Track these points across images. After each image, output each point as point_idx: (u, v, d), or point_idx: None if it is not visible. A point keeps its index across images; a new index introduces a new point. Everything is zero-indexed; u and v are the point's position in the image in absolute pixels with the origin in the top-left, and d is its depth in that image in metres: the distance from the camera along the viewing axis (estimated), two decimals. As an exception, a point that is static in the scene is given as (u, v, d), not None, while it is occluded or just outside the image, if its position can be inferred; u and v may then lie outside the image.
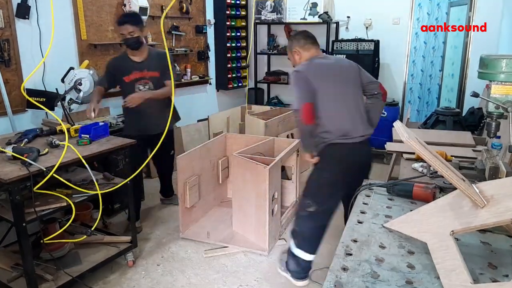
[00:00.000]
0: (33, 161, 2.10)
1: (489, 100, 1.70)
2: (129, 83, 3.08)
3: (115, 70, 3.12)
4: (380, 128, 5.04)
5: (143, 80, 3.10)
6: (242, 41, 5.86)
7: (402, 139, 1.20)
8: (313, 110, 2.24)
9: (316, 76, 2.28)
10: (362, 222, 1.38)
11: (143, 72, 3.09)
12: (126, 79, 3.07)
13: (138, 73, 3.09)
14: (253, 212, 2.93)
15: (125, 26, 2.95)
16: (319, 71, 2.33)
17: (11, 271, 2.42)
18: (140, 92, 3.08)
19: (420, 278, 1.07)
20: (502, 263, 1.14)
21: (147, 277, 2.69)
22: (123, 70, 3.08)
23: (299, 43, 2.43)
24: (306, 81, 2.26)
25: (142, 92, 3.08)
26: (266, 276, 2.69)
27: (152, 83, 3.12)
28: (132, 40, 2.98)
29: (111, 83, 3.17)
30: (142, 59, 3.11)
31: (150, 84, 3.12)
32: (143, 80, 3.10)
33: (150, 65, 3.10)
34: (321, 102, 2.25)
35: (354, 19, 5.31)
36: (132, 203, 2.79)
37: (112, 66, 3.17)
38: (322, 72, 2.34)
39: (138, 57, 3.10)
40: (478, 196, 1.11)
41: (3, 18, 3.15)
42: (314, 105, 2.24)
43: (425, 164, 2.12)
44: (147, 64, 3.10)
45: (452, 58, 5.32)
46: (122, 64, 3.11)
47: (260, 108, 5.28)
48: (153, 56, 3.14)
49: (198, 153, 3.25)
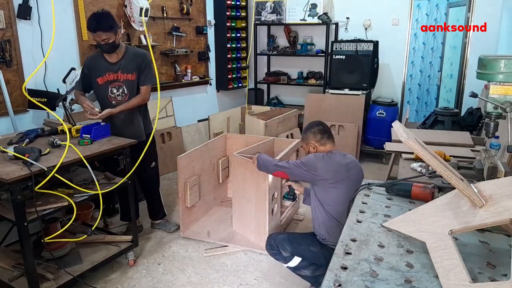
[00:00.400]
0: (34, 161, 2.10)
1: (487, 101, 1.71)
2: (102, 85, 2.84)
3: (89, 71, 2.86)
4: (379, 128, 5.07)
5: (116, 82, 2.84)
6: (242, 42, 5.87)
7: (401, 139, 1.21)
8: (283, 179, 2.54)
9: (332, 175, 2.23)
10: (361, 222, 1.39)
11: (117, 74, 2.83)
12: (100, 80, 2.83)
13: (112, 74, 2.83)
14: (253, 211, 2.94)
15: (97, 33, 2.64)
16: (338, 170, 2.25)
17: (12, 270, 2.43)
18: (106, 110, 2.79)
19: (419, 277, 1.08)
20: (500, 263, 1.15)
21: (148, 276, 2.71)
22: (96, 71, 2.83)
23: (315, 138, 2.38)
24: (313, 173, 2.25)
25: (109, 110, 2.79)
26: (266, 275, 2.70)
27: (126, 87, 2.85)
28: (106, 47, 2.71)
29: (86, 85, 2.92)
30: (117, 60, 2.83)
31: (123, 88, 2.85)
32: (117, 82, 2.84)
33: (125, 66, 2.83)
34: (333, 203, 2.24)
35: (353, 20, 5.33)
36: (133, 203, 2.80)
37: (86, 66, 2.89)
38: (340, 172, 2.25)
39: (113, 57, 2.83)
40: (477, 196, 1.12)
41: (4, 19, 3.16)
42: None
43: (424, 164, 2.13)
44: (122, 65, 2.83)
45: (451, 59, 5.34)
46: (96, 64, 2.85)
47: (260, 108, 5.30)
48: (129, 56, 2.84)
49: (199, 153, 3.26)
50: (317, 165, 2.26)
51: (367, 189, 1.68)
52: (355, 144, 4.78)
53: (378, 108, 4.93)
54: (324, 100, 4.98)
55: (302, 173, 2.29)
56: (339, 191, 2.22)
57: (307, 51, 5.57)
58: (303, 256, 2.35)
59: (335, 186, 2.23)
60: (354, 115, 4.80)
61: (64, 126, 2.45)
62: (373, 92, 5.34)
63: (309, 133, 2.42)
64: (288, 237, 2.44)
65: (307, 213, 3.40)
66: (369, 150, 5.01)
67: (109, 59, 2.83)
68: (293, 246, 2.37)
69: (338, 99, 4.92)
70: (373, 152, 4.99)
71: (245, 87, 5.92)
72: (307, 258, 2.35)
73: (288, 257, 2.39)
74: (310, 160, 2.29)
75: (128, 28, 4.22)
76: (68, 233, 2.68)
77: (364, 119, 4.96)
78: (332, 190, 2.24)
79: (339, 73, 5.04)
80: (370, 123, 4.99)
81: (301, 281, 2.56)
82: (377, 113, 4.92)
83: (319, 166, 2.25)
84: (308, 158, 2.31)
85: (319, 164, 2.26)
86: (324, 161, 2.27)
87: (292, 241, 2.39)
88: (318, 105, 4.99)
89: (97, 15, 2.66)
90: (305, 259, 2.35)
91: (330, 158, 2.28)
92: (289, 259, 2.39)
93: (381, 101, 5.02)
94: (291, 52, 5.70)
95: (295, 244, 2.37)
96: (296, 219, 3.48)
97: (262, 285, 2.61)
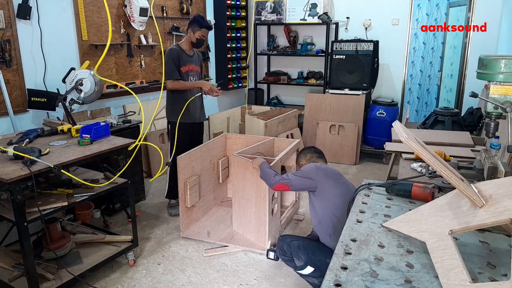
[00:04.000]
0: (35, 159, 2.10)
1: (487, 101, 1.71)
2: (184, 73, 3.43)
3: (178, 61, 3.39)
4: (379, 128, 5.07)
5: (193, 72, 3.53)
6: (242, 42, 5.87)
7: (401, 139, 1.21)
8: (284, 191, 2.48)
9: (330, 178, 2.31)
10: (361, 222, 1.39)
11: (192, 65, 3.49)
12: (183, 69, 3.42)
13: (191, 65, 3.48)
14: (253, 211, 2.94)
15: (208, 31, 3.43)
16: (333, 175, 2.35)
17: (12, 270, 2.43)
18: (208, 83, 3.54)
19: (419, 277, 1.07)
20: (500, 263, 1.15)
21: (148, 276, 2.70)
22: (181, 62, 3.40)
23: (305, 157, 2.56)
24: (311, 183, 2.30)
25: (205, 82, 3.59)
26: (266, 275, 2.70)
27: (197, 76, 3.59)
28: (202, 43, 3.48)
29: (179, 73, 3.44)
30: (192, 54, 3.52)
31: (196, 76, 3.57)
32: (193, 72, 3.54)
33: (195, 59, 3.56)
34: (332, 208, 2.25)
35: (353, 20, 5.32)
36: (133, 203, 2.80)
37: (176, 58, 3.38)
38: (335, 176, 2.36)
39: (191, 51, 3.50)
40: (477, 196, 1.12)
41: (4, 19, 3.16)
42: None
43: (424, 164, 2.13)
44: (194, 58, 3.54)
45: (451, 59, 5.34)
46: (180, 56, 3.40)
47: (260, 108, 5.30)
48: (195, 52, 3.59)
49: (199, 153, 3.26)
50: (314, 170, 2.34)
51: (367, 189, 1.68)
52: (355, 144, 4.78)
53: (378, 108, 4.93)
54: (324, 100, 4.98)
55: (302, 181, 2.34)
56: (337, 195, 2.25)
57: (307, 51, 5.57)
58: (317, 267, 2.27)
59: (332, 190, 2.26)
60: (354, 115, 4.80)
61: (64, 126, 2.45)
62: (373, 92, 5.34)
63: (301, 155, 2.61)
64: (304, 244, 2.34)
65: (307, 213, 3.40)
66: (369, 150, 5.00)
67: (189, 53, 3.46)
68: (308, 256, 2.28)
69: (338, 99, 4.92)
70: (373, 152, 4.99)
71: (245, 87, 5.92)
72: (322, 269, 2.24)
73: (301, 266, 2.33)
74: (307, 167, 2.40)
75: (128, 28, 4.21)
76: (69, 232, 2.69)
77: (364, 119, 4.96)
78: (330, 194, 2.26)
79: (339, 73, 5.04)
80: (370, 123, 4.99)
81: (301, 281, 2.56)
82: (377, 113, 4.92)
83: (317, 170, 2.34)
84: (305, 166, 2.43)
85: (317, 169, 2.35)
86: (320, 168, 2.38)
87: (308, 251, 2.31)
88: (318, 105, 4.99)
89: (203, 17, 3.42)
90: (318, 269, 2.27)
91: (325, 166, 2.43)
92: (302, 267, 2.33)
93: (381, 101, 5.01)
94: (291, 52, 5.70)
95: (311, 254, 2.29)
96: (296, 219, 3.48)
97: (262, 285, 2.61)
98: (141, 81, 4.45)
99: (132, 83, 4.32)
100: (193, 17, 3.44)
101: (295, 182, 2.37)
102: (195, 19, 3.38)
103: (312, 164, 2.41)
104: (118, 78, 4.22)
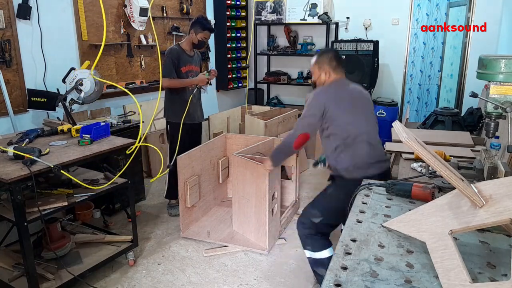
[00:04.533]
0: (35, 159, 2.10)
1: (487, 101, 1.71)
2: (183, 73, 3.42)
3: (177, 61, 3.38)
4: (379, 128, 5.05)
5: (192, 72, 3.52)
6: (242, 42, 5.87)
7: (401, 139, 1.21)
8: (307, 141, 2.31)
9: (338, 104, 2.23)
10: (361, 222, 1.39)
11: (192, 65, 3.50)
12: (183, 69, 3.41)
13: (190, 65, 3.48)
14: (253, 211, 2.94)
15: (211, 33, 3.44)
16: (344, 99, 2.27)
17: (12, 270, 2.43)
18: None
19: (419, 277, 1.07)
20: (500, 263, 1.15)
21: (148, 276, 2.70)
22: (180, 62, 3.39)
23: (331, 65, 2.33)
24: (321, 110, 2.21)
25: None
26: (266, 275, 2.70)
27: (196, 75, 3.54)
28: (204, 44, 3.51)
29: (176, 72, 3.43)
30: (193, 54, 3.53)
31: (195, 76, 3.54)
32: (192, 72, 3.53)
33: (195, 60, 3.57)
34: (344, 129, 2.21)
35: (353, 20, 5.33)
36: (133, 203, 2.80)
37: (175, 58, 3.36)
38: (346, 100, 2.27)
39: (192, 52, 3.51)
40: (477, 196, 1.12)
41: (4, 19, 3.16)
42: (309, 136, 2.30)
43: (424, 164, 2.13)
44: (194, 58, 3.55)
45: (451, 59, 5.34)
46: (180, 57, 3.40)
47: (260, 108, 5.30)
48: (195, 52, 3.60)
49: (198, 153, 3.26)
50: (319, 100, 2.24)
51: (367, 189, 1.68)
52: (355, 144, 4.77)
53: (378, 108, 4.93)
54: (324, 100, 4.97)
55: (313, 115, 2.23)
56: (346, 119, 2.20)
57: (307, 51, 5.57)
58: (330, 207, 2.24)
59: (342, 113, 2.20)
60: (354, 115, 4.79)
61: (64, 126, 2.45)
62: (373, 92, 5.34)
63: (324, 58, 2.35)
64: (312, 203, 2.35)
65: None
66: (369, 150, 5.00)
67: (189, 53, 3.45)
68: (318, 203, 2.30)
69: (338, 99, 4.91)
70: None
71: (245, 87, 5.92)
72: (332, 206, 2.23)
73: (318, 246, 2.26)
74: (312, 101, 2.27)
75: (128, 28, 4.21)
76: (69, 232, 2.69)
77: (364, 119, 4.95)
78: (340, 117, 2.20)
79: (339, 73, 5.04)
80: (370, 123, 4.98)
81: (301, 282, 2.56)
82: (377, 113, 4.91)
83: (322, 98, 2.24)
84: (308, 102, 2.29)
85: (322, 97, 2.25)
86: (325, 93, 2.26)
87: (315, 201, 2.34)
88: (318, 105, 4.98)
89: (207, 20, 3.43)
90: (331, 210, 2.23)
91: (330, 88, 2.29)
92: (318, 248, 2.26)
93: (381, 101, 5.01)
94: (291, 52, 5.70)
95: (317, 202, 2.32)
96: (296, 219, 3.48)
97: (262, 285, 2.61)
98: (141, 81, 4.46)
99: (132, 83, 4.33)
100: (196, 18, 3.41)
101: (307, 122, 2.25)
102: (198, 21, 3.36)
103: (317, 92, 2.28)
104: (118, 78, 4.22)
